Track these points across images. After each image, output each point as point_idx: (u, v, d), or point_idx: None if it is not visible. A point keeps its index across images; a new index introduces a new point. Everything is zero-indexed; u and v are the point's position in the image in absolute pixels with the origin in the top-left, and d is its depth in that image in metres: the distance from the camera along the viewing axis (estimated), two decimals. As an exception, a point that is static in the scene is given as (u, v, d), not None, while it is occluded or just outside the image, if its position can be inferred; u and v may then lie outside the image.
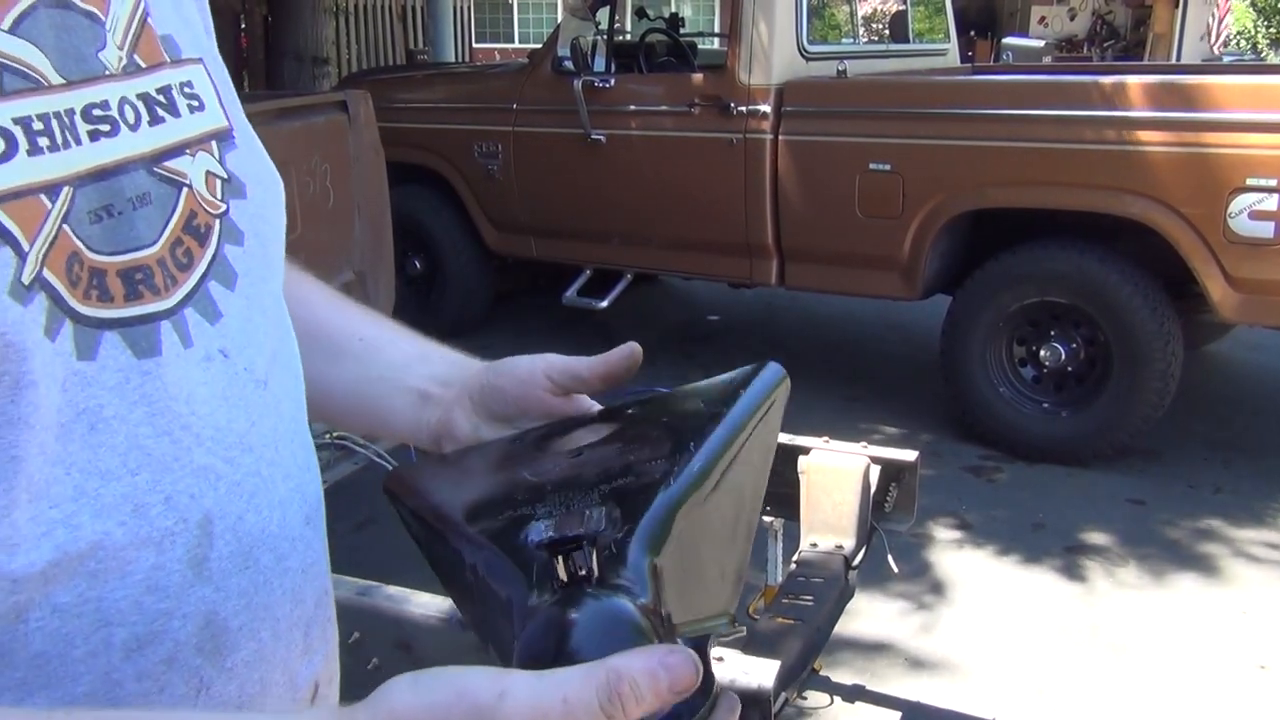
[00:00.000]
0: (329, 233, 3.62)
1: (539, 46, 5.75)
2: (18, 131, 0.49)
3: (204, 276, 0.57)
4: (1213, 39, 14.80)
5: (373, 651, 1.58)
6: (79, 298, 0.50)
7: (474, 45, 13.97)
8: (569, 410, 0.74)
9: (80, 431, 0.50)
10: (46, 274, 0.49)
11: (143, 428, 0.52)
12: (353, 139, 3.76)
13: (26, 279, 0.48)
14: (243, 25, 9.35)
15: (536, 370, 0.74)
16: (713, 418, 0.59)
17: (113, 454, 0.51)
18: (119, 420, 0.51)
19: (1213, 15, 14.67)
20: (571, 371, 0.74)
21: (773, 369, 0.65)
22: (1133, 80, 3.99)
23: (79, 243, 0.51)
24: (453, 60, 10.60)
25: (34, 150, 0.49)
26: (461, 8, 12.27)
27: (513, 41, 20.88)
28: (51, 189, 0.50)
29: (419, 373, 0.79)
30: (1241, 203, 3.64)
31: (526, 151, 5.28)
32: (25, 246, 0.48)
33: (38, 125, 0.50)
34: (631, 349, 0.72)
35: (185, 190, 0.57)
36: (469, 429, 0.75)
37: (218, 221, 0.58)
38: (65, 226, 0.50)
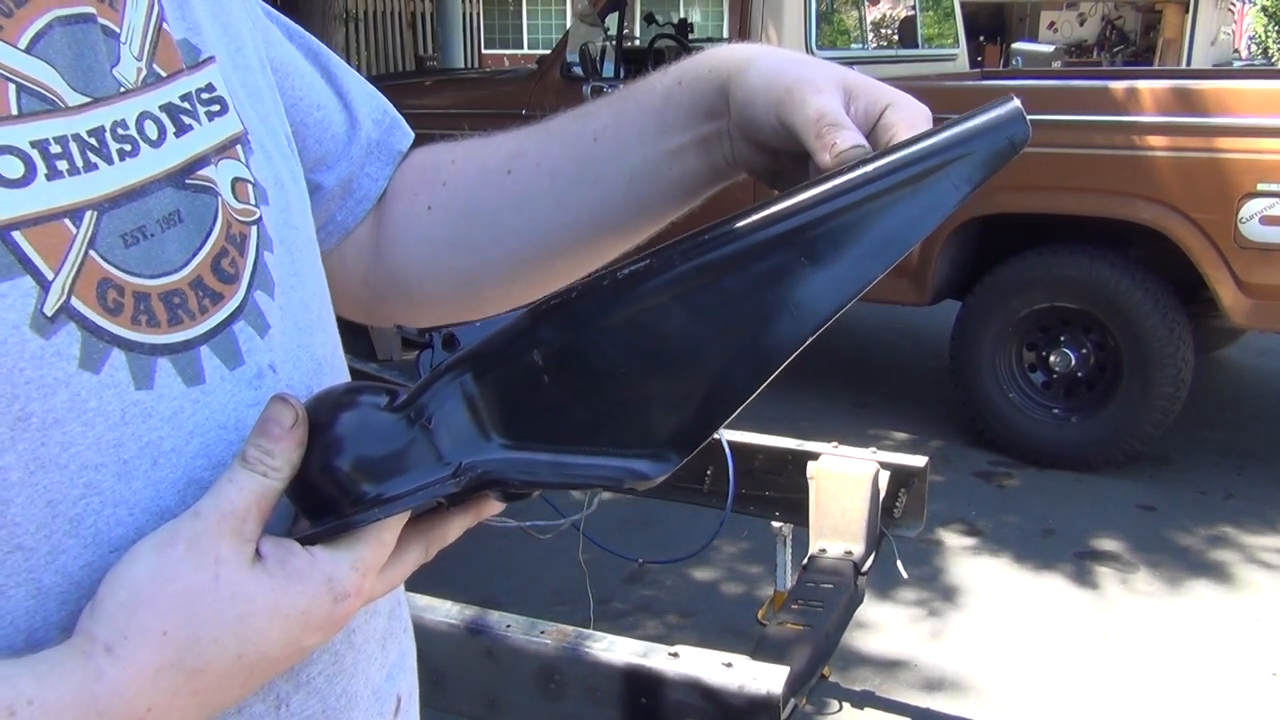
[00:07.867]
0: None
1: (548, 52, 5.75)
2: (35, 155, 0.47)
3: (250, 286, 0.55)
4: (1236, 39, 14.79)
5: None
6: (126, 324, 0.49)
7: (483, 51, 14.00)
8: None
9: (144, 468, 0.49)
10: (75, 303, 0.47)
11: (198, 460, 0.51)
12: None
13: (50, 309, 0.46)
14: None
15: (771, 111, 0.62)
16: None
17: (172, 490, 0.50)
18: (177, 453, 0.50)
19: (1231, 19, 14.67)
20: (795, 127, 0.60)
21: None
22: (1143, 85, 3.98)
23: (112, 268, 0.49)
24: (462, 66, 10.63)
25: (53, 174, 0.47)
26: (471, 14, 12.30)
27: (521, 48, 20.96)
28: (75, 213, 0.47)
29: (675, 125, 0.67)
30: (1252, 208, 3.63)
31: (535, 157, 5.28)
32: (49, 275, 0.46)
33: (55, 148, 0.47)
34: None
35: (219, 199, 0.55)
36: (766, 128, 0.63)
37: (253, 229, 0.57)
38: (92, 252, 0.48)
